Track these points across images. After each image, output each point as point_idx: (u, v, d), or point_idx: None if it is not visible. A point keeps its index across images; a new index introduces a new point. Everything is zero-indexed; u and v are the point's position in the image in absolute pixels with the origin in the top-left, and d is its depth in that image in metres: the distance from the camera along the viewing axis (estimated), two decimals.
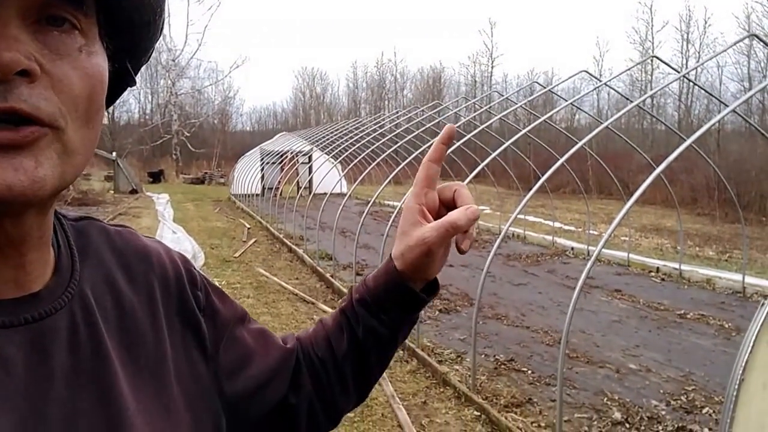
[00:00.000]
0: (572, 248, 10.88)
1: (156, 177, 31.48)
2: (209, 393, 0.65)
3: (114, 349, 0.55)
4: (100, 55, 0.50)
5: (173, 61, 40.85)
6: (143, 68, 0.61)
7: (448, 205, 0.74)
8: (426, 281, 0.76)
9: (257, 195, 18.10)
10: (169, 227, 12.87)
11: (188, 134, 39.86)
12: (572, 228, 14.22)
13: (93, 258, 0.59)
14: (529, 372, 4.96)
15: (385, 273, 0.74)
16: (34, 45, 0.44)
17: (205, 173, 33.30)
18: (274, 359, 0.75)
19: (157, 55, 42.47)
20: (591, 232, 11.43)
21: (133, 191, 22.63)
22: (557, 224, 13.04)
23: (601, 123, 7.00)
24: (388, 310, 0.74)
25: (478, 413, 4.20)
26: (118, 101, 0.63)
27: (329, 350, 0.77)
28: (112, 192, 22.40)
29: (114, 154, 24.45)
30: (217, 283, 0.78)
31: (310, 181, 17.61)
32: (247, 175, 20.02)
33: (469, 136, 7.92)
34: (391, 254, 0.75)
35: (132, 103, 49.66)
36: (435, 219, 0.72)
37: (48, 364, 0.49)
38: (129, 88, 0.60)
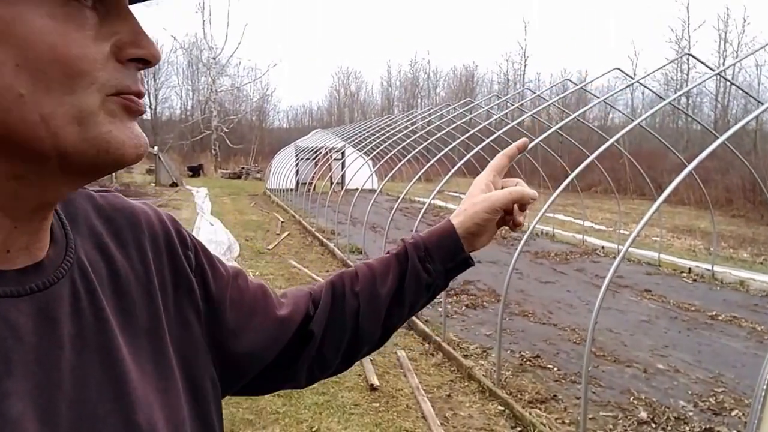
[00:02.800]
0: (602, 247, 10.67)
1: (195, 171, 32.00)
2: (203, 354, 0.65)
3: (112, 314, 0.55)
4: None
5: (214, 59, 41.44)
6: (185, 65, 0.65)
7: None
8: (469, 251, 0.85)
9: (291, 190, 18.24)
10: (206, 219, 13.07)
11: (227, 130, 40.41)
12: (603, 227, 13.95)
13: (83, 225, 0.58)
14: (555, 369, 4.88)
15: (440, 229, 0.84)
16: None
17: (242, 168, 33.71)
18: (278, 316, 0.76)
19: (198, 53, 43.20)
20: (622, 231, 11.18)
21: (174, 184, 23.06)
22: (587, 223, 12.80)
23: (637, 124, 6.82)
24: (434, 261, 0.82)
25: (502, 408, 4.15)
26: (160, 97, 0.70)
27: (370, 287, 0.81)
28: (154, 185, 22.88)
29: (156, 148, 24.93)
30: (251, 275, 0.79)
31: (343, 177, 17.66)
32: (282, 170, 20.20)
33: (498, 133, 7.83)
34: (450, 219, 0.84)
35: (174, 99, 50.84)
36: None
37: (56, 331, 0.49)
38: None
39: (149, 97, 49.04)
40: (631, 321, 6.33)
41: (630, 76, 8.76)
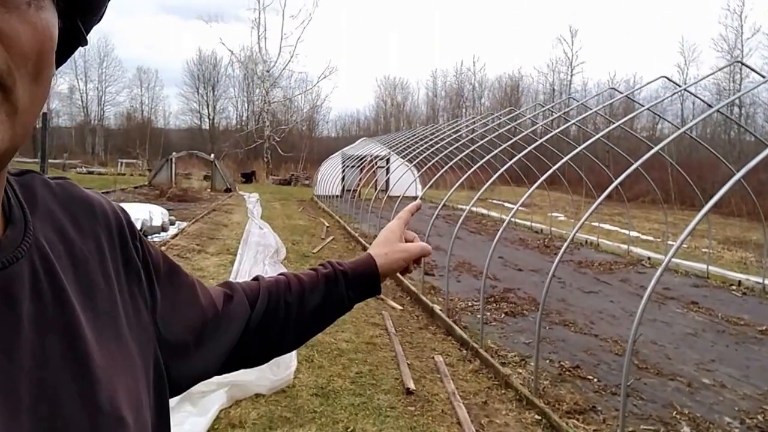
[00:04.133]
0: (648, 258, 10.28)
1: (248, 177, 32.70)
2: (152, 340, 0.65)
3: (73, 295, 0.54)
4: (50, 10, 0.47)
5: (267, 72, 42.33)
6: (241, 78, 0.59)
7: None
8: (381, 281, 0.97)
9: (337, 196, 18.37)
10: (256, 223, 13.27)
11: (278, 139, 41.16)
12: (650, 238, 13.47)
13: (41, 209, 0.57)
14: (595, 380, 4.69)
15: (365, 265, 0.95)
16: None
17: (292, 175, 34.24)
18: (210, 309, 0.78)
19: (253, 66, 44.21)
20: (669, 242, 10.75)
21: (228, 190, 23.61)
22: (634, 233, 12.38)
23: (684, 132, 6.54)
24: (355, 291, 0.94)
25: (539, 417, 4.00)
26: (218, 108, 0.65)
27: (299, 300, 0.89)
28: (209, 190, 23.46)
29: (212, 156, 25.61)
30: None
31: (387, 184, 17.67)
32: (329, 177, 20.38)
33: (541, 140, 7.64)
34: (370, 252, 0.97)
35: (230, 110, 52.06)
36: None
37: (15, 310, 0.48)
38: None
39: (207, 107, 50.54)
40: (676, 333, 6.05)
41: (678, 85, 8.42)
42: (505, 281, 8.08)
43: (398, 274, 1.01)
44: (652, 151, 4.71)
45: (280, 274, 0.93)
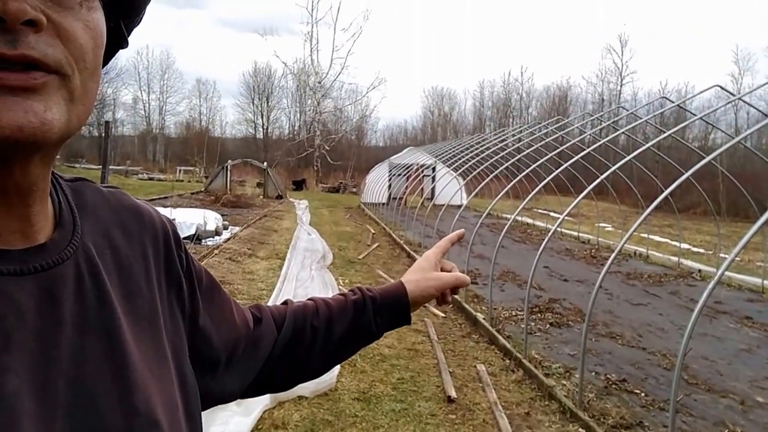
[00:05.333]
0: (699, 270, 9.83)
1: (299, 185, 33.19)
2: (186, 350, 0.64)
3: (116, 299, 0.54)
4: (99, 11, 0.50)
5: (319, 83, 42.95)
6: (293, 89, 0.59)
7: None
8: (411, 309, 0.92)
9: (384, 204, 18.41)
10: (305, 229, 13.43)
11: (328, 148, 41.65)
12: (701, 250, 12.90)
13: (91, 215, 0.58)
14: (642, 394, 4.49)
15: (394, 291, 0.91)
16: None
17: (340, 183, 34.56)
18: (243, 329, 0.77)
19: (305, 77, 44.94)
20: (722, 255, 10.26)
21: (279, 197, 24.00)
22: (684, 245, 11.87)
23: (739, 143, 6.23)
24: (384, 317, 0.90)
25: (583, 431, 3.85)
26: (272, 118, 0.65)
27: (326, 325, 0.86)
28: (261, 197, 23.90)
29: (265, 164, 26.12)
30: (341, 282, 0.81)
31: (432, 192, 17.60)
32: (376, 185, 20.46)
33: (588, 149, 7.42)
34: (401, 279, 0.93)
35: (283, 120, 53.06)
36: None
37: (58, 310, 0.48)
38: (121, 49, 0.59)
39: (262, 117, 51.68)
40: (729, 349, 5.74)
41: (731, 94, 8.04)
42: (551, 291, 7.87)
43: (435, 304, 0.95)
44: (705, 161, 4.48)
45: (309, 299, 0.90)
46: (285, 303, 0.89)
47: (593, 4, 76.67)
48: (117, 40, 0.56)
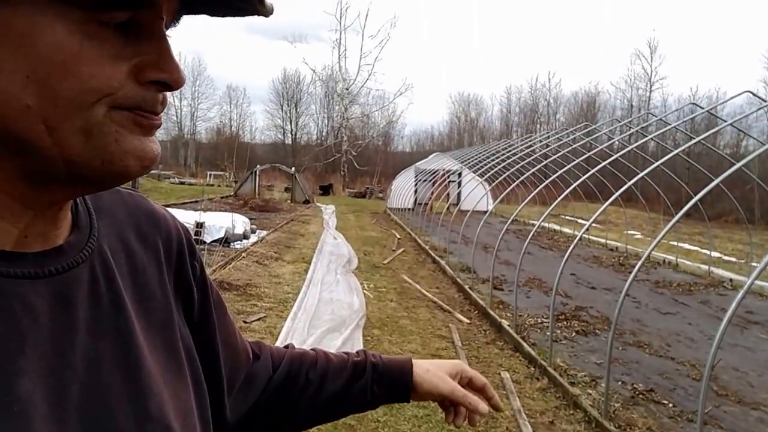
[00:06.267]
0: (730, 280, 9.56)
1: (326, 190, 33.40)
2: (196, 356, 0.64)
3: (129, 303, 0.54)
4: None
5: (347, 89, 43.26)
6: (322, 95, 0.64)
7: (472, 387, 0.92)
8: (411, 389, 0.87)
9: (409, 209, 18.38)
10: (331, 234, 13.50)
11: (355, 154, 41.86)
12: (732, 259, 12.54)
13: (107, 216, 0.58)
14: (670, 405, 4.37)
15: (400, 367, 0.88)
16: None
17: (367, 188, 34.67)
18: (245, 359, 0.77)
19: (333, 84, 45.32)
20: (754, 264, 9.95)
21: (306, 201, 24.22)
22: (715, 254, 11.56)
23: None
24: (381, 387, 0.86)
25: None
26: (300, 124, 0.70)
27: (321, 377, 0.84)
28: (289, 201, 24.13)
29: (293, 169, 26.38)
30: (366, 287, 0.79)
31: (458, 197, 17.53)
32: (402, 190, 20.46)
33: (616, 156, 7.30)
34: (412, 360, 0.89)
35: (311, 126, 53.51)
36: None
37: (72, 314, 0.48)
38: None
39: (290, 123, 52.23)
40: (760, 360, 5.56)
41: (762, 99, 7.82)
42: (578, 299, 7.75)
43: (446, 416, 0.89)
44: (735, 167, 4.36)
45: (312, 349, 0.88)
46: (286, 347, 0.88)
47: (621, 10, 75.51)
48: None
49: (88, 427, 0.46)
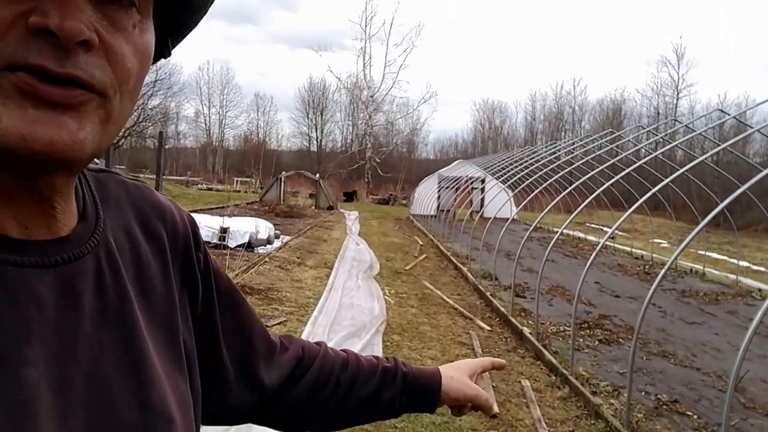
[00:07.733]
0: (759, 290, 9.29)
1: (349, 196, 33.53)
2: (195, 351, 0.63)
3: (133, 294, 0.54)
4: (151, 32, 0.50)
5: (371, 97, 43.48)
6: (347, 103, 0.60)
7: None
8: (438, 399, 0.88)
9: (432, 216, 18.33)
10: (354, 240, 13.52)
11: (379, 161, 41.98)
12: (762, 269, 12.20)
13: (113, 208, 0.58)
14: (695, 417, 4.25)
15: (430, 374, 0.88)
16: (95, 15, 0.43)
17: (390, 195, 34.71)
18: (263, 348, 0.76)
19: (358, 92, 45.55)
20: None
21: (330, 207, 24.31)
22: (744, 263, 11.26)
23: None
24: (410, 395, 0.85)
25: None
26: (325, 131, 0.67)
27: (351, 382, 0.82)
28: (314, 207, 24.28)
29: (317, 175, 26.54)
30: (387, 292, 0.79)
31: (481, 204, 17.41)
32: (426, 197, 20.43)
33: (640, 162, 7.16)
34: (440, 370, 0.89)
35: (336, 133, 53.83)
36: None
37: (77, 303, 0.48)
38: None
39: (316, 130, 52.60)
40: None
41: None
42: (601, 307, 7.60)
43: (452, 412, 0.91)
44: (761, 174, 4.24)
45: (343, 350, 0.88)
46: (318, 344, 0.87)
47: (647, 16, 74.48)
48: (158, 52, 0.55)
49: (91, 415, 0.46)
